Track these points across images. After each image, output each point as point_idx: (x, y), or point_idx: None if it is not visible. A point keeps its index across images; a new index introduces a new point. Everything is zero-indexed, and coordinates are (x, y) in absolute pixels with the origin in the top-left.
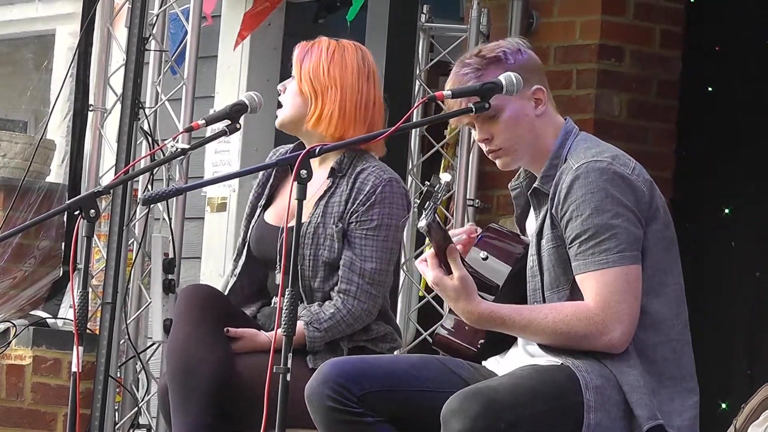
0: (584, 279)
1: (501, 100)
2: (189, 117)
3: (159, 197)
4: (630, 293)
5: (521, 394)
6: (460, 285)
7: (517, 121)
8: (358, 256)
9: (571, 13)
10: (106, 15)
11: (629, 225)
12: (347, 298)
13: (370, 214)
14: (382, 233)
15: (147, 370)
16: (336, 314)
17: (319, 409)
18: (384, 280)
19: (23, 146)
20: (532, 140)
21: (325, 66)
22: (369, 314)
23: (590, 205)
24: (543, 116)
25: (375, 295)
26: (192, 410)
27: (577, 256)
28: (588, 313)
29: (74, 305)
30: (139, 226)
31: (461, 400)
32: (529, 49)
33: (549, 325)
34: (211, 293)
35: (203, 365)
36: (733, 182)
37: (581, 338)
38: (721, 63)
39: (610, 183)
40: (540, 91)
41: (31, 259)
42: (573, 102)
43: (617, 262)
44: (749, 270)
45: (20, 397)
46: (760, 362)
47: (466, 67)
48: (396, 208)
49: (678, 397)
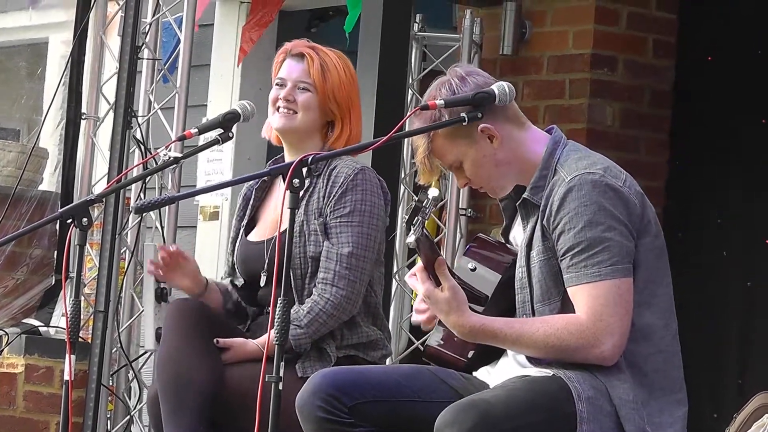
0: (576, 291)
1: (456, 152)
2: (182, 125)
3: (151, 206)
4: (621, 306)
5: (515, 406)
6: (451, 296)
7: (480, 165)
8: (335, 245)
9: (564, 23)
10: (99, 24)
11: (621, 238)
12: (324, 287)
13: (343, 201)
14: (356, 218)
15: (139, 378)
16: (314, 307)
17: (309, 419)
18: (362, 266)
19: (16, 154)
20: (505, 170)
21: (346, 86)
22: (348, 301)
23: (583, 218)
24: (503, 145)
25: (353, 280)
26: (184, 421)
27: (569, 268)
28: (579, 326)
29: (66, 313)
30: (132, 235)
31: (456, 412)
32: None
33: (540, 338)
34: (198, 306)
35: (194, 376)
36: (725, 192)
37: (573, 351)
38: (713, 73)
39: (603, 196)
40: (486, 129)
41: (23, 267)
42: (565, 111)
43: (609, 275)
44: (740, 279)
45: (12, 405)
46: (751, 372)
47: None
48: (369, 194)
49: (667, 409)
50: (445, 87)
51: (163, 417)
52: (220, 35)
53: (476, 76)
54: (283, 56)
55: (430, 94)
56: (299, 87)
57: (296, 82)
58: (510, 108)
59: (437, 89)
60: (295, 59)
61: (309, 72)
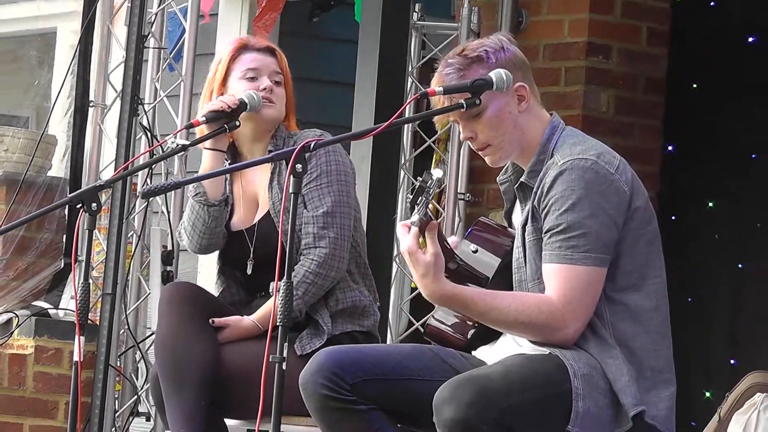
0: (549, 270)
1: (484, 98)
2: (187, 113)
3: (158, 191)
4: (589, 294)
5: (513, 382)
6: (432, 260)
7: (501, 118)
8: (311, 210)
9: (559, 12)
10: (106, 13)
11: (601, 228)
12: (308, 250)
13: (310, 167)
14: (324, 179)
15: (146, 359)
16: (299, 269)
17: (313, 396)
18: (339, 222)
19: (26, 141)
20: (518, 136)
21: (289, 73)
22: (334, 257)
23: (568, 201)
24: (527, 112)
25: (334, 237)
26: (184, 401)
27: (546, 246)
28: (550, 306)
29: (75, 296)
30: (139, 219)
31: (453, 388)
32: (514, 45)
33: (511, 313)
34: (192, 287)
35: (192, 357)
36: (717, 177)
37: (538, 329)
38: (706, 61)
39: (592, 182)
40: (522, 88)
41: (33, 251)
42: (561, 98)
43: (581, 261)
44: (732, 262)
45: (22, 385)
46: (742, 352)
47: (449, 67)
48: (333, 154)
49: (654, 388)
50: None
51: (164, 396)
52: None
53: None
54: (244, 50)
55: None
56: (275, 80)
57: (271, 74)
58: (535, 86)
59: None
60: (262, 53)
61: (280, 66)
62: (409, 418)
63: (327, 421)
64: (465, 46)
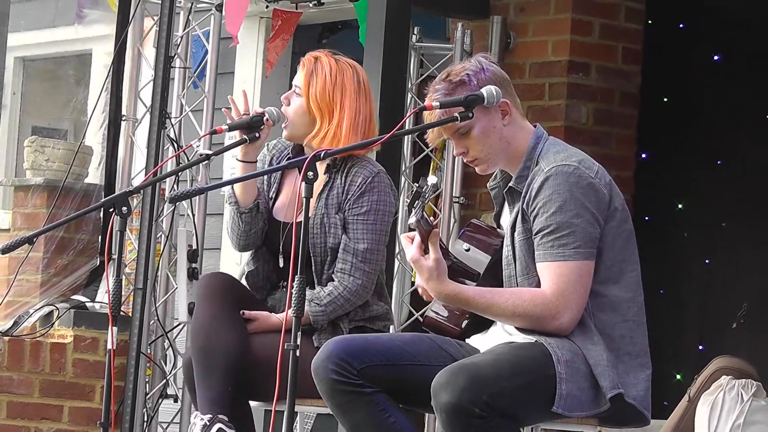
0: (543, 268)
1: (475, 113)
2: (209, 125)
3: (184, 196)
4: (581, 285)
5: (501, 369)
6: (434, 265)
7: (487, 133)
8: (352, 239)
9: (543, 34)
10: (137, 37)
11: (587, 225)
12: (343, 276)
13: (361, 201)
14: (371, 217)
15: (174, 347)
16: (333, 291)
17: (323, 381)
18: (375, 259)
19: (65, 152)
20: (504, 147)
21: (330, 90)
22: (364, 289)
23: (555, 203)
24: (511, 125)
25: (368, 271)
26: (213, 383)
27: (538, 246)
28: (544, 299)
29: (109, 291)
30: (167, 221)
31: (449, 375)
32: (493, 65)
33: (509, 307)
34: (228, 280)
35: (222, 344)
36: (686, 181)
37: (536, 320)
38: (676, 77)
39: (575, 186)
40: (505, 104)
41: (72, 250)
42: (546, 111)
43: (572, 257)
44: (699, 257)
45: (62, 371)
46: (710, 338)
47: (436, 93)
48: (383, 195)
49: (632, 371)
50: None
51: (195, 378)
52: (243, 46)
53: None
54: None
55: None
56: (296, 92)
57: (295, 87)
58: (517, 98)
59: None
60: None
61: (301, 77)
62: (411, 399)
63: (337, 403)
64: (449, 71)
